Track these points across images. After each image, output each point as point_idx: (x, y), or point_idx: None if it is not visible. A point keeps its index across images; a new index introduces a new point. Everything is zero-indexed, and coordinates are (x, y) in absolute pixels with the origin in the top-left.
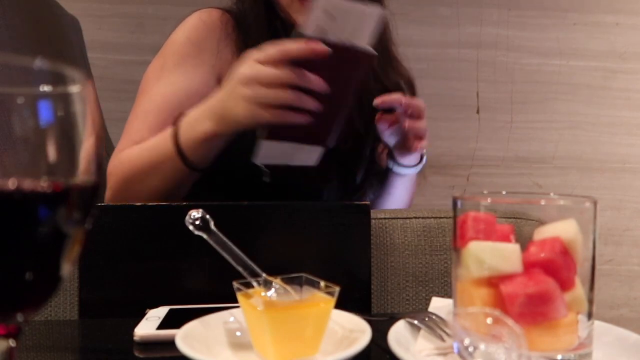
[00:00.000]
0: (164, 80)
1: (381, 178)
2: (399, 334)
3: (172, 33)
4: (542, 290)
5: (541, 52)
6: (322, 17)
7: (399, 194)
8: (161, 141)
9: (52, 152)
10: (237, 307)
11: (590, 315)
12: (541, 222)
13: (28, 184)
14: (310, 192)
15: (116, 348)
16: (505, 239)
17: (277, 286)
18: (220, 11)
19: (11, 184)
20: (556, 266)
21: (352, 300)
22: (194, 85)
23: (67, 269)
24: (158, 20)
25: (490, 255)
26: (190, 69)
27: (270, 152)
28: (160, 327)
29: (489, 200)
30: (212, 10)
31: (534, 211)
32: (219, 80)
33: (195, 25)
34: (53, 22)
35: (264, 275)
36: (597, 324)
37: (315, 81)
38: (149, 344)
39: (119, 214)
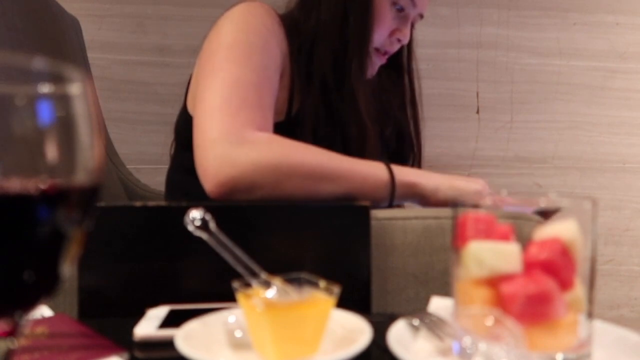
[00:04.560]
0: (259, 57)
1: None
2: (399, 334)
3: (236, 17)
4: (542, 290)
5: (541, 52)
6: None
7: None
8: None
9: (51, 152)
10: (237, 307)
11: (590, 315)
12: (541, 222)
13: (28, 184)
14: None
15: None
16: (505, 239)
17: (277, 286)
18: (269, 6)
19: (11, 184)
20: (556, 266)
21: (352, 300)
22: (278, 77)
23: (67, 269)
24: (158, 20)
25: (490, 255)
26: (274, 56)
27: None
28: (160, 327)
29: (489, 200)
30: (263, 4)
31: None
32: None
33: (266, 14)
34: (53, 22)
35: (264, 275)
36: (597, 324)
37: None
38: (149, 344)
39: (119, 214)
